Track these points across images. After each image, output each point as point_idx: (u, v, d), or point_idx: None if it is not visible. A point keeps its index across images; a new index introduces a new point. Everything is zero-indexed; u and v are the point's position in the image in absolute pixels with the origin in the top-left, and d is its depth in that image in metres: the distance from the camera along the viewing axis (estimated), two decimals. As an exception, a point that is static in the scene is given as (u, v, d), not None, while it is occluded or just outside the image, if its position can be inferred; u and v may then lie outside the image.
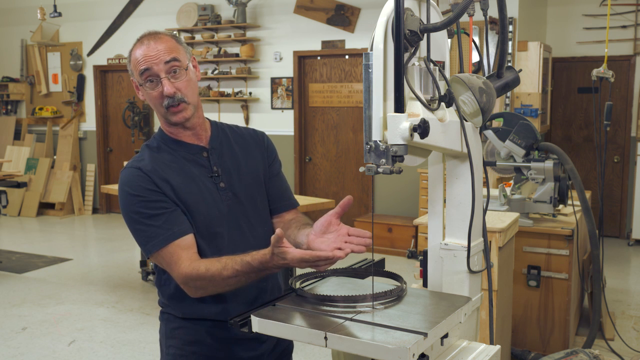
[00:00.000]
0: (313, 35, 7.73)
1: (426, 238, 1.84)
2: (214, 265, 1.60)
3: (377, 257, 1.82)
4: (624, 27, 7.29)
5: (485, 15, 1.83)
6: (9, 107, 10.05)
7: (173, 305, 1.81)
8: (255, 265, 1.54)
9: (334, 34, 7.63)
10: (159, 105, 1.73)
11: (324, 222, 1.63)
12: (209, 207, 1.75)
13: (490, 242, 2.84)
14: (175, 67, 1.71)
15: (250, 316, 1.48)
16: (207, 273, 1.59)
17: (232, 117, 8.25)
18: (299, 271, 4.76)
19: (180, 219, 1.69)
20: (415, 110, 1.46)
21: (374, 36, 1.46)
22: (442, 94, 1.53)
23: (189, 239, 1.68)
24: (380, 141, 1.41)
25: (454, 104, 1.57)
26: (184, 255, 1.65)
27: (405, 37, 1.43)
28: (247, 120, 8.22)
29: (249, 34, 8.06)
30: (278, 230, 1.45)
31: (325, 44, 7.70)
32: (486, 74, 1.88)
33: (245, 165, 1.86)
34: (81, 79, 9.54)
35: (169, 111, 1.73)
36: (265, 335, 1.49)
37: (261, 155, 1.92)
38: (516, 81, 1.88)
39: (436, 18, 1.61)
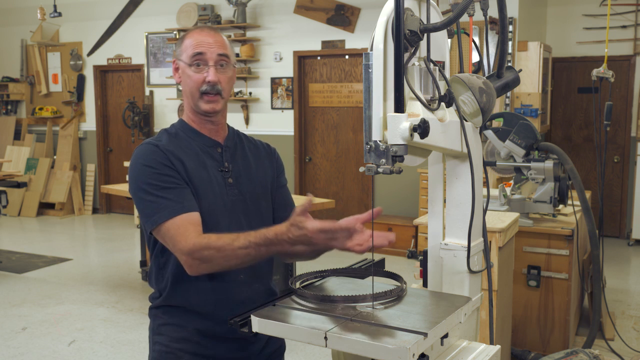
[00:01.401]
0: (313, 35, 7.73)
1: (426, 238, 1.85)
2: (226, 235, 1.60)
3: (377, 257, 1.82)
4: (624, 27, 7.29)
5: (485, 15, 1.83)
6: (9, 107, 10.06)
7: (164, 292, 1.79)
8: (270, 236, 1.54)
9: (334, 34, 7.63)
10: (195, 90, 1.77)
11: (348, 222, 1.58)
12: (215, 196, 1.77)
13: (490, 242, 2.84)
14: (224, 62, 1.79)
15: (250, 316, 1.48)
16: (218, 241, 1.59)
17: (232, 117, 8.25)
18: (299, 271, 4.76)
19: (190, 196, 1.71)
20: (415, 110, 1.46)
21: (374, 36, 1.46)
22: (442, 94, 1.53)
23: (196, 216, 1.69)
24: (380, 141, 1.42)
25: (454, 104, 1.57)
26: (192, 229, 1.64)
27: (405, 37, 1.43)
28: (247, 120, 8.22)
29: (249, 34, 8.06)
30: (309, 197, 1.48)
31: (325, 44, 7.70)
32: (486, 74, 1.88)
33: (255, 171, 1.89)
34: (81, 79, 9.54)
35: (202, 98, 1.77)
36: (254, 336, 1.48)
37: (271, 166, 1.96)
38: (516, 81, 1.88)
39: (436, 18, 1.61)
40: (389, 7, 1.46)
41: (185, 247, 1.62)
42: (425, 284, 1.87)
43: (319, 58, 7.86)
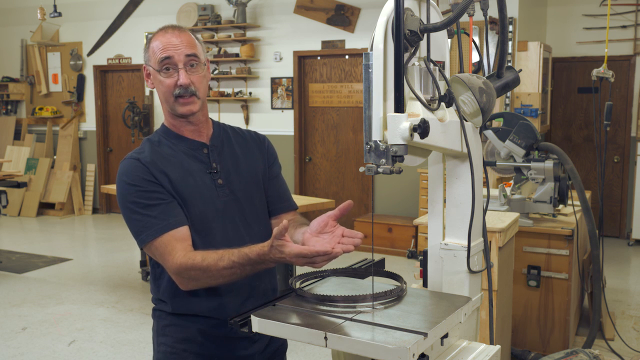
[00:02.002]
0: (313, 35, 7.73)
1: (426, 238, 1.84)
2: (210, 255, 1.60)
3: (377, 257, 1.82)
4: (624, 27, 7.29)
5: (485, 15, 1.83)
6: (9, 107, 10.06)
7: (166, 301, 1.80)
8: (252, 257, 1.54)
9: (334, 34, 7.63)
10: (168, 95, 1.75)
11: (320, 222, 1.64)
12: (205, 201, 1.75)
13: (490, 242, 2.84)
14: (193, 62, 1.76)
15: (250, 316, 1.48)
16: (203, 263, 1.59)
17: (232, 117, 8.25)
18: (299, 271, 4.75)
19: (176, 210, 1.70)
20: (415, 110, 1.46)
21: (374, 36, 1.46)
22: (442, 94, 1.53)
23: (184, 231, 1.69)
24: (380, 141, 1.41)
25: (454, 104, 1.57)
26: (179, 246, 1.65)
27: (405, 37, 1.43)
28: (247, 120, 8.22)
29: (249, 34, 8.06)
30: (284, 222, 1.46)
31: (325, 44, 7.70)
32: (486, 74, 1.88)
33: (244, 165, 1.87)
34: (81, 79, 9.54)
35: (177, 101, 1.75)
36: (258, 335, 1.49)
37: (261, 157, 1.93)
38: (516, 81, 1.88)
39: (436, 18, 1.61)
40: (389, 7, 1.46)
41: (173, 266, 1.64)
42: (425, 284, 1.87)
43: (319, 58, 7.86)
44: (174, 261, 1.63)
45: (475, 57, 2.03)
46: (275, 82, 8.04)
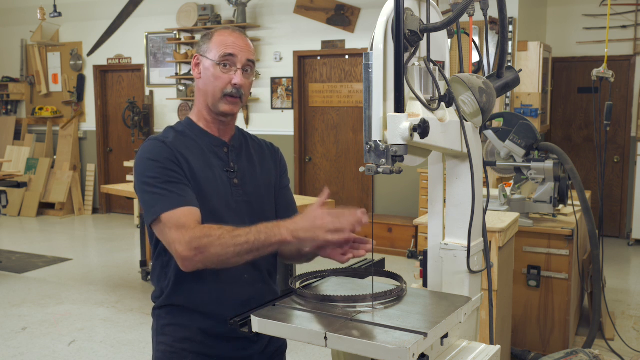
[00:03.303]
0: (313, 35, 7.73)
1: (426, 238, 1.85)
2: (226, 226, 1.62)
3: (377, 257, 1.82)
4: (624, 27, 7.29)
5: (485, 15, 1.83)
6: (9, 107, 10.06)
7: (169, 290, 1.78)
8: (269, 224, 1.58)
9: (334, 34, 7.63)
10: (218, 90, 1.77)
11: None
12: (220, 197, 1.77)
13: (490, 242, 2.84)
14: (249, 67, 1.81)
15: (250, 316, 1.48)
16: (219, 230, 1.59)
17: (232, 117, 8.24)
18: (299, 271, 4.76)
19: (192, 194, 1.71)
20: (415, 110, 1.46)
21: (374, 36, 1.46)
22: (442, 94, 1.53)
23: (197, 211, 1.68)
24: (380, 141, 1.42)
25: (454, 104, 1.57)
26: (192, 219, 1.64)
27: (405, 37, 1.43)
28: (247, 120, 8.22)
29: (249, 34, 8.06)
30: (325, 188, 1.55)
31: (325, 44, 7.70)
32: (486, 74, 1.88)
33: (259, 170, 1.90)
34: (81, 79, 9.54)
35: (225, 99, 1.78)
36: (257, 335, 1.49)
37: (274, 166, 1.96)
38: (516, 81, 1.88)
39: (436, 18, 1.61)
40: (389, 7, 1.46)
41: (185, 236, 1.59)
42: (425, 284, 1.87)
43: (319, 58, 7.86)
44: (188, 231, 1.60)
45: (475, 57, 2.03)
46: (275, 82, 8.04)
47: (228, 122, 1.85)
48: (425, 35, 1.50)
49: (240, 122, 8.18)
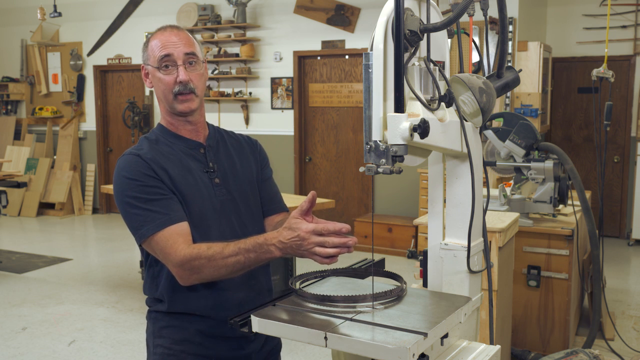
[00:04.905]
0: (313, 35, 7.73)
1: (426, 238, 1.84)
2: (216, 244, 1.61)
3: (377, 257, 1.82)
4: (624, 27, 7.29)
5: (485, 15, 1.83)
6: (9, 107, 10.06)
7: (163, 299, 1.79)
8: (259, 240, 1.55)
9: (334, 34, 7.63)
10: (168, 92, 1.76)
11: (324, 223, 1.59)
12: (203, 200, 1.76)
13: (490, 242, 2.84)
14: (192, 60, 1.78)
15: (250, 316, 1.48)
16: (209, 251, 1.59)
17: (232, 117, 8.25)
18: (299, 271, 4.75)
19: (176, 206, 1.70)
20: (415, 110, 1.46)
21: (374, 36, 1.46)
22: (442, 94, 1.53)
23: (185, 226, 1.68)
24: (380, 141, 1.41)
25: (454, 104, 1.57)
26: (181, 240, 1.64)
27: (405, 37, 1.43)
28: (247, 120, 8.22)
29: (249, 34, 8.06)
30: (312, 192, 1.50)
31: (325, 44, 7.70)
32: (486, 74, 1.88)
33: (239, 166, 1.89)
34: (81, 79, 9.54)
35: (176, 99, 1.76)
36: (254, 334, 1.49)
37: (254, 160, 1.95)
38: (516, 81, 1.88)
39: (436, 18, 1.61)
40: (389, 7, 1.46)
41: (176, 258, 1.62)
42: (425, 284, 1.87)
43: (319, 58, 7.86)
44: (178, 253, 1.61)
45: (475, 57, 2.03)
46: (275, 82, 8.04)
47: (195, 121, 1.82)
48: (425, 35, 1.50)
49: (240, 122, 8.18)
